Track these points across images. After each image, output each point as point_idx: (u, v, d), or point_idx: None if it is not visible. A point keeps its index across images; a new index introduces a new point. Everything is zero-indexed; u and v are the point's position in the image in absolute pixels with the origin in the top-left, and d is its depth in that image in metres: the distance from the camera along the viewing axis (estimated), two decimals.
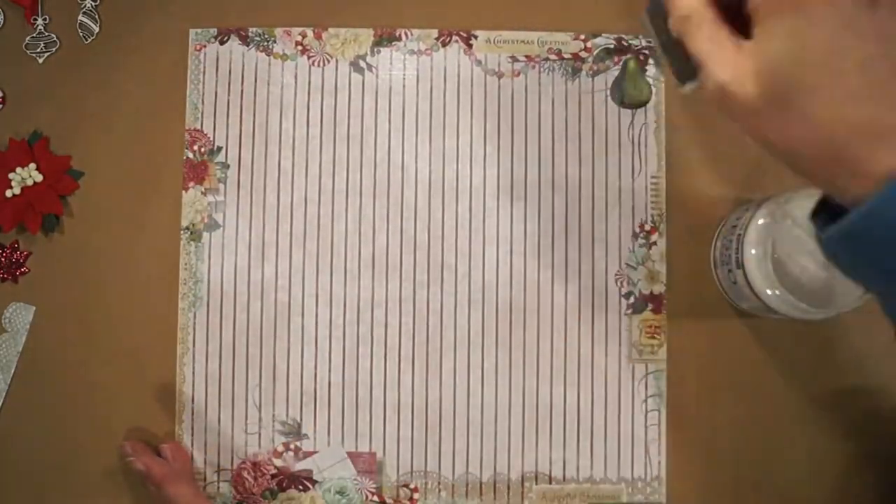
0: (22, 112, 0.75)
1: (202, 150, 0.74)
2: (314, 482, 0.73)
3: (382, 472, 0.73)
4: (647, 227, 0.74)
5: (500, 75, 0.75)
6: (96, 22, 0.75)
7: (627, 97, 0.75)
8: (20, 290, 0.74)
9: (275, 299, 0.73)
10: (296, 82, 0.75)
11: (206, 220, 0.74)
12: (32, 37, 0.75)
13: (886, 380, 0.73)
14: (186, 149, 0.74)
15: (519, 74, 0.75)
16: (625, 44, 0.75)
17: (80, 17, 0.75)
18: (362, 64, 0.75)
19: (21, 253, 0.74)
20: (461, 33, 0.75)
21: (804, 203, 0.65)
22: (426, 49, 0.75)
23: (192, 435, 0.72)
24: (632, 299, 0.74)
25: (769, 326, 0.73)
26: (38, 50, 0.75)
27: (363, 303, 0.73)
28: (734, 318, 0.74)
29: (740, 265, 0.66)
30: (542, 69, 0.75)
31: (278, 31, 0.75)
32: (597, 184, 0.74)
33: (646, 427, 0.73)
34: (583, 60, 0.75)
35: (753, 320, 0.73)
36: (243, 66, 0.75)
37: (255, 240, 0.74)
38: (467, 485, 0.73)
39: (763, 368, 0.73)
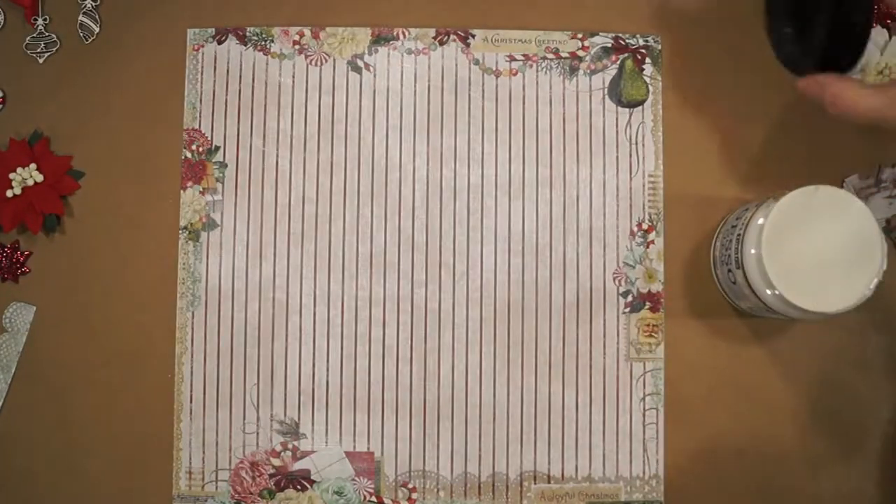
0: (22, 112, 0.75)
1: (200, 149, 0.74)
2: (312, 482, 0.73)
3: (381, 472, 0.73)
4: (645, 226, 0.74)
5: (497, 74, 0.75)
6: (96, 22, 0.76)
7: (625, 96, 0.75)
8: (21, 289, 0.74)
9: (273, 299, 0.73)
10: (293, 81, 0.75)
11: (204, 220, 0.74)
12: (33, 37, 0.75)
13: (884, 380, 0.73)
14: (184, 148, 0.74)
15: (516, 73, 0.75)
16: (622, 43, 0.75)
17: (81, 18, 0.75)
18: (360, 63, 0.75)
19: (22, 253, 0.74)
20: (459, 32, 0.75)
21: (803, 201, 0.65)
22: (424, 48, 0.75)
23: (191, 434, 0.73)
24: (629, 298, 0.74)
25: (768, 326, 0.73)
26: (39, 50, 0.75)
27: (361, 302, 0.74)
28: (733, 317, 0.73)
29: (740, 265, 0.66)
30: (539, 68, 0.75)
31: (276, 31, 0.75)
32: (594, 182, 0.74)
33: (644, 426, 0.73)
34: (580, 59, 0.75)
35: (752, 319, 0.73)
36: (241, 65, 0.75)
37: (253, 239, 0.74)
38: (466, 484, 0.73)
39: (761, 367, 0.73)
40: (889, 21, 0.74)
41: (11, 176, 0.73)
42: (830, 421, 0.73)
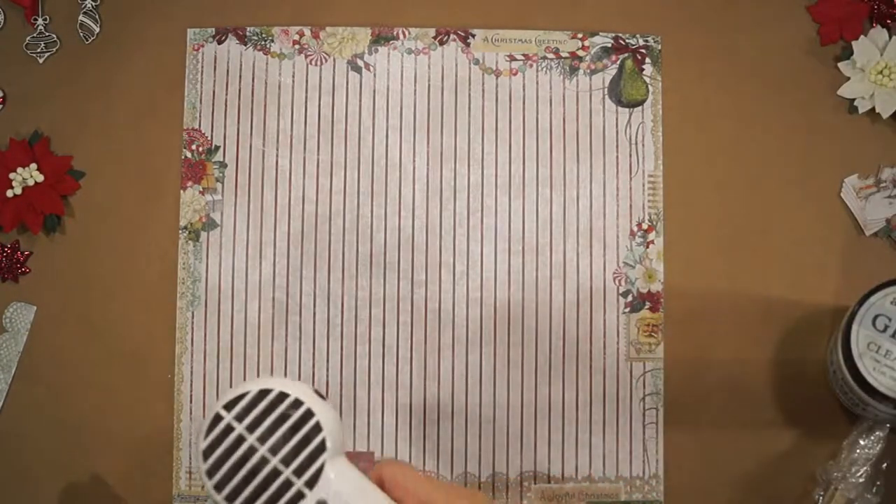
0: (22, 112, 0.75)
1: (200, 149, 0.74)
2: None
3: None
4: (645, 226, 0.74)
5: (497, 74, 0.75)
6: (97, 22, 0.76)
7: (625, 96, 0.75)
8: (21, 289, 0.74)
9: (273, 298, 0.73)
10: (293, 81, 0.75)
11: (204, 220, 0.74)
12: (33, 37, 0.75)
13: None
14: (185, 148, 0.74)
15: (516, 73, 0.75)
16: (622, 42, 0.75)
17: (81, 18, 0.75)
18: (360, 63, 0.75)
19: (22, 253, 0.74)
20: (459, 32, 0.75)
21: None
22: (424, 48, 0.75)
23: (191, 434, 0.73)
24: (629, 298, 0.74)
25: (765, 327, 0.73)
26: (39, 50, 0.75)
27: (361, 302, 0.74)
28: (732, 317, 0.73)
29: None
30: (539, 68, 0.75)
31: (276, 30, 0.75)
32: (594, 182, 0.74)
33: (644, 425, 0.72)
34: (580, 59, 0.75)
35: (750, 320, 0.73)
36: (241, 65, 0.75)
37: (253, 239, 0.74)
38: (466, 484, 0.73)
39: (761, 367, 0.73)
40: (889, 21, 0.74)
41: (11, 176, 0.73)
42: (829, 420, 0.73)
